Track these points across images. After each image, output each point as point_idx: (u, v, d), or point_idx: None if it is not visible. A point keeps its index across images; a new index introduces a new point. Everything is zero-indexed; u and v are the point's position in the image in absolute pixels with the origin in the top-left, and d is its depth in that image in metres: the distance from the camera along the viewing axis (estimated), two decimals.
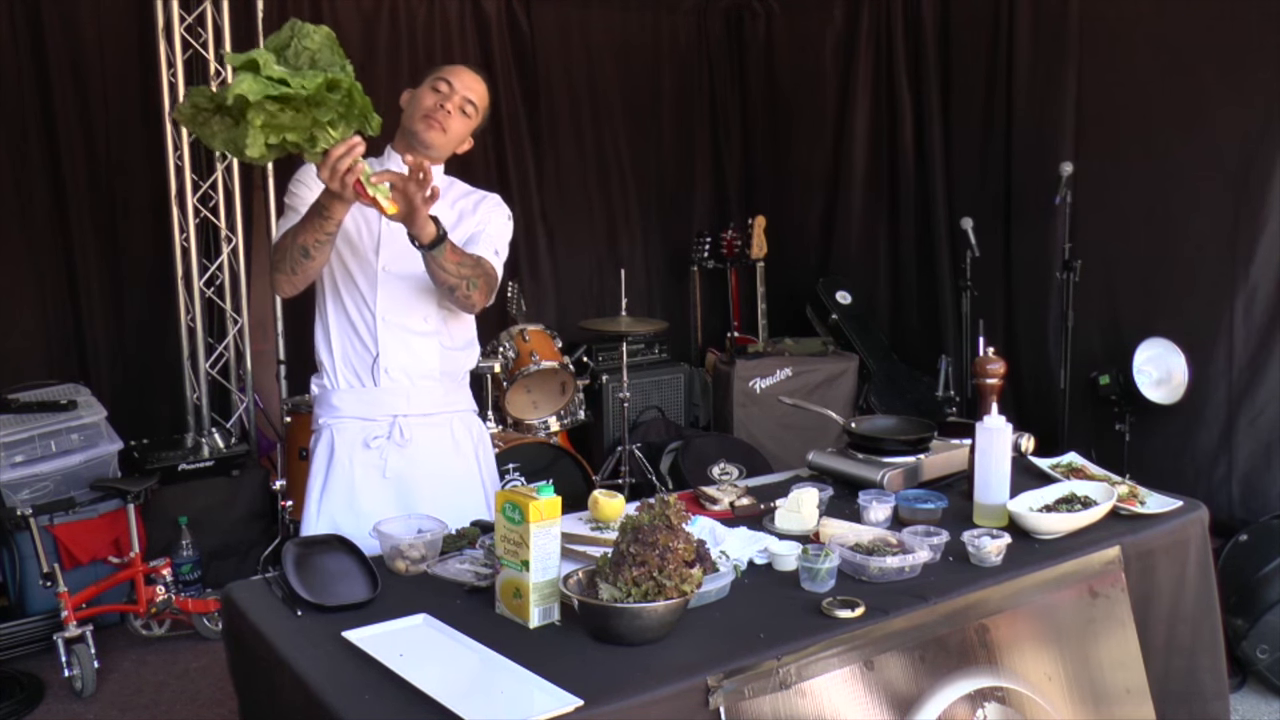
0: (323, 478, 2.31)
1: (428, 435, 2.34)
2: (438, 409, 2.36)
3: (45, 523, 3.71)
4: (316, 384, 2.37)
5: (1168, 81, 3.91)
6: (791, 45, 5.66)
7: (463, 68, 2.34)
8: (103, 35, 4.37)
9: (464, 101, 2.30)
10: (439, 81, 2.30)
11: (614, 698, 1.46)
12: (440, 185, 2.22)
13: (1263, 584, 3.26)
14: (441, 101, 2.28)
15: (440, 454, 2.36)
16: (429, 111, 2.28)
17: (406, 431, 2.31)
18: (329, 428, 2.32)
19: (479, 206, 2.41)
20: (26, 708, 3.37)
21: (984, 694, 1.82)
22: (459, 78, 2.31)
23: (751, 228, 5.22)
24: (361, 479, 2.29)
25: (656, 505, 1.68)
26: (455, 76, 2.31)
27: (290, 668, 1.60)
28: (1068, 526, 2.09)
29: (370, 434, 2.30)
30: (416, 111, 2.30)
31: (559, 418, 4.58)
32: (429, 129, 2.28)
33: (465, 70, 2.33)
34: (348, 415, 2.31)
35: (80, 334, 4.46)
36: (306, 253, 2.12)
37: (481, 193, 2.46)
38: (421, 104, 2.30)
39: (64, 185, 4.37)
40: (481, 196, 2.44)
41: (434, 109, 2.28)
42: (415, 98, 2.33)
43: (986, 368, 2.30)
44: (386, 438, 2.30)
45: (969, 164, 4.76)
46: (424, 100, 2.30)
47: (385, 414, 2.30)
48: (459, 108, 2.29)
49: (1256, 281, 3.70)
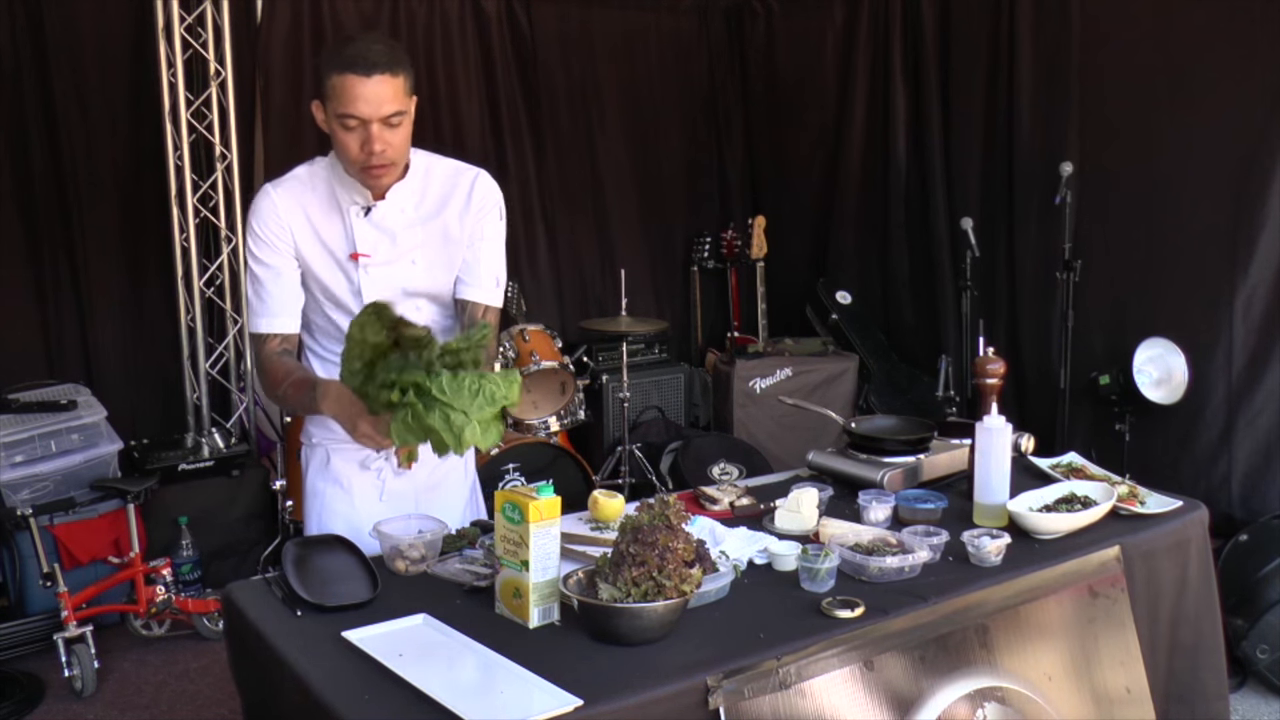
0: (320, 499, 2.25)
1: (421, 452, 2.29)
2: None
3: (45, 523, 3.71)
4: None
5: (1168, 81, 3.91)
6: (791, 45, 5.66)
7: (354, 79, 1.90)
8: (103, 35, 4.37)
9: (384, 124, 1.95)
10: (346, 119, 1.93)
11: (614, 698, 1.46)
12: (418, 171, 2.11)
13: (1263, 584, 3.26)
14: (366, 147, 1.94)
15: (434, 469, 2.29)
16: (362, 165, 1.98)
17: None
18: (324, 445, 2.25)
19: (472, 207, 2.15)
20: (26, 708, 3.37)
21: (984, 694, 1.82)
22: (364, 102, 1.91)
23: (751, 228, 5.23)
24: (360, 501, 2.23)
25: (656, 505, 1.68)
26: (359, 104, 1.91)
27: (290, 668, 1.60)
28: (1068, 526, 2.09)
29: (368, 457, 2.23)
30: (347, 162, 2.01)
31: (559, 418, 4.59)
32: (375, 179, 2.03)
33: (362, 83, 1.90)
34: (343, 439, 2.18)
35: (80, 334, 4.46)
36: (293, 413, 2.03)
37: (468, 175, 2.17)
38: (347, 154, 1.98)
39: (64, 185, 4.37)
40: (469, 190, 2.16)
41: (365, 161, 1.97)
42: (335, 140, 1.99)
43: (986, 368, 2.30)
44: (384, 459, 2.23)
45: (969, 164, 4.75)
46: (348, 150, 1.97)
47: None
48: (384, 136, 1.95)
49: (1256, 281, 3.70)
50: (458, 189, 2.16)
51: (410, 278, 2.15)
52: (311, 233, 2.09)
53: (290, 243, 2.09)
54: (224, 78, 4.41)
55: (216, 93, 4.42)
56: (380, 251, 2.11)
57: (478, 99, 5.18)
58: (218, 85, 4.41)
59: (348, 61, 1.91)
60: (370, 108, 1.92)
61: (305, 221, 2.09)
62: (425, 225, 2.14)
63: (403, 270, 2.14)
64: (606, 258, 5.62)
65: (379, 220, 2.10)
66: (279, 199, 2.08)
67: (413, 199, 2.13)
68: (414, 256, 2.14)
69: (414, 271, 2.15)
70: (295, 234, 2.08)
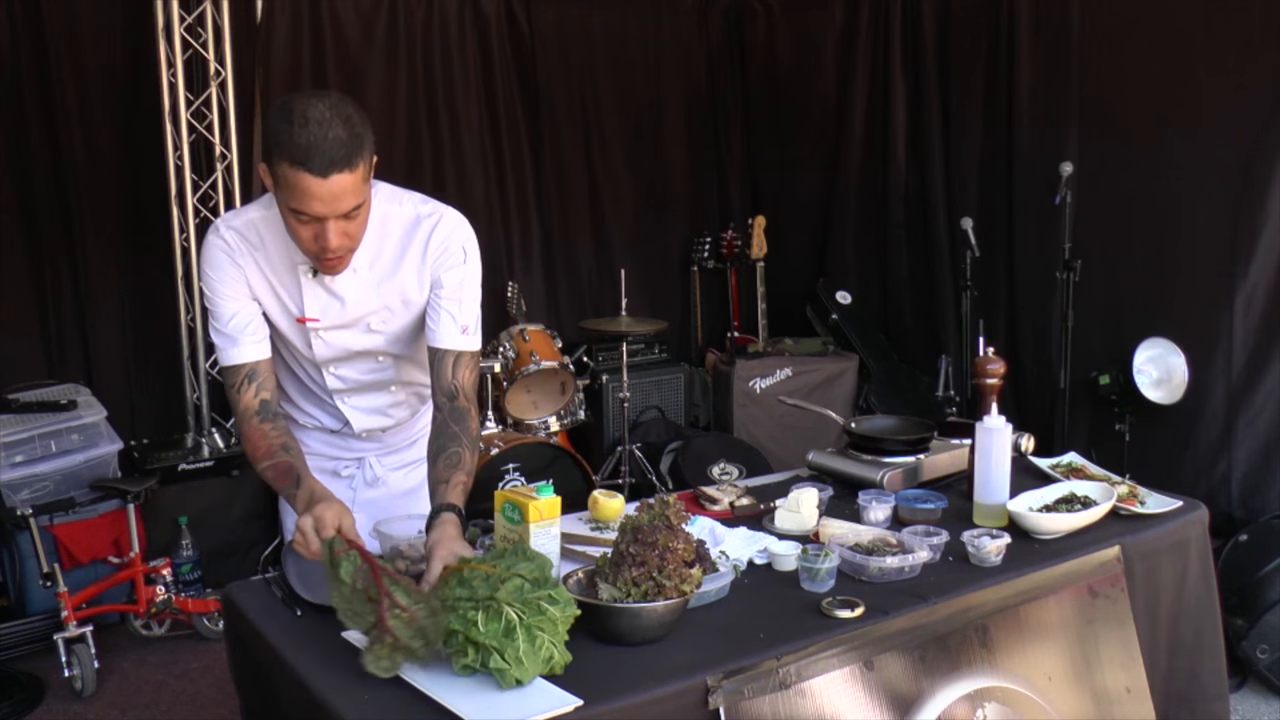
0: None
1: (395, 461, 2.28)
2: (404, 444, 2.28)
3: (45, 523, 3.71)
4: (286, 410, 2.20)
5: (1168, 81, 3.90)
6: (791, 45, 5.66)
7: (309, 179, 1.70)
8: (103, 35, 4.37)
9: (342, 221, 1.78)
10: (298, 214, 1.76)
11: (614, 698, 1.46)
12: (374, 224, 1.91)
13: (1263, 584, 3.26)
14: (320, 240, 1.79)
15: (408, 476, 2.28)
16: (315, 255, 1.84)
17: (377, 469, 2.24)
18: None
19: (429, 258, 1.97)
20: (26, 708, 3.37)
21: (984, 694, 1.82)
22: (319, 202, 1.73)
23: (751, 228, 5.22)
24: None
25: (656, 505, 1.68)
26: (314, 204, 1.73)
27: (290, 668, 1.60)
28: (1068, 526, 2.09)
29: (340, 465, 2.23)
30: (299, 248, 1.86)
31: (559, 418, 4.58)
32: (330, 269, 1.89)
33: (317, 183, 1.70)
34: (318, 452, 2.21)
35: (80, 334, 4.46)
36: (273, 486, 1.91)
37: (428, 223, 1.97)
38: (300, 243, 1.83)
39: (64, 185, 4.36)
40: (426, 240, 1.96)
41: (319, 253, 1.82)
42: (286, 222, 1.82)
43: (986, 368, 2.30)
44: (358, 468, 2.23)
45: (969, 164, 4.75)
46: (300, 239, 1.81)
47: (354, 456, 2.24)
48: (341, 228, 1.78)
49: (1256, 281, 3.70)
50: (413, 243, 1.97)
51: (365, 340, 2.04)
52: (266, 284, 1.96)
53: (245, 287, 1.95)
54: (224, 78, 4.41)
55: (216, 93, 4.42)
56: (330, 315, 1.98)
57: (477, 99, 5.18)
58: (218, 85, 4.41)
59: (301, 154, 1.69)
60: (326, 207, 1.74)
61: (259, 271, 1.95)
62: (380, 287, 1.97)
63: (358, 335, 2.02)
64: (606, 258, 5.62)
65: (329, 283, 1.94)
66: (233, 244, 1.92)
67: (367, 257, 1.94)
68: (369, 321, 2.01)
69: (369, 336, 2.04)
70: (252, 284, 1.95)
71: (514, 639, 1.46)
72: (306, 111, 1.71)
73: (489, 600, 1.48)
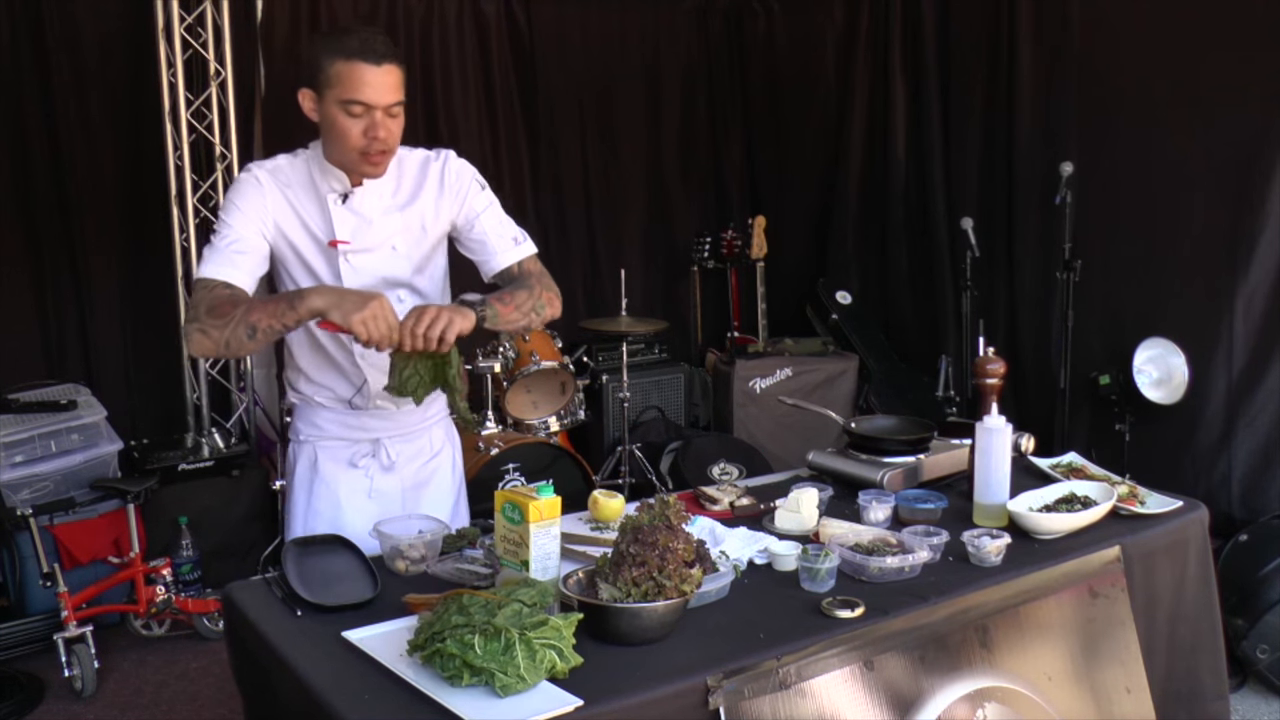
0: (306, 495, 2.25)
1: (409, 451, 2.29)
2: (417, 425, 2.31)
3: (45, 523, 3.71)
4: (296, 397, 2.27)
5: (1168, 82, 3.90)
6: (791, 45, 5.66)
7: (364, 67, 1.95)
8: (103, 35, 4.37)
9: (387, 114, 1.99)
10: (351, 105, 1.96)
11: (614, 698, 1.46)
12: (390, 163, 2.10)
13: (1263, 584, 3.26)
14: (370, 133, 1.98)
15: (419, 468, 2.31)
16: (362, 151, 2.00)
17: (391, 453, 2.26)
18: (311, 443, 2.25)
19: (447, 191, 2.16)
20: (26, 708, 3.37)
21: (984, 694, 1.82)
22: (372, 90, 1.95)
23: (751, 228, 5.22)
24: (346, 499, 2.23)
25: (656, 505, 1.68)
26: (367, 90, 1.95)
27: (290, 668, 1.60)
28: (1068, 526, 2.09)
29: (355, 454, 2.24)
30: (346, 149, 2.01)
31: (559, 418, 4.58)
32: (374, 166, 2.05)
33: (372, 71, 1.95)
34: (331, 436, 2.24)
35: (80, 334, 4.46)
36: (253, 334, 1.90)
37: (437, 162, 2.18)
38: (349, 141, 1.99)
39: (64, 185, 4.37)
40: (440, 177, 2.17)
41: (367, 147, 2.00)
42: (333, 126, 2.00)
43: (986, 368, 2.30)
44: (372, 456, 2.24)
45: (969, 164, 4.75)
46: (349, 137, 1.99)
47: (368, 437, 2.25)
48: (387, 124, 1.99)
49: (1256, 281, 3.70)
50: (429, 177, 2.17)
51: (391, 265, 2.14)
52: (296, 218, 2.09)
53: (267, 223, 2.06)
54: (224, 78, 4.41)
55: (216, 93, 4.42)
56: (359, 238, 2.10)
57: (476, 99, 5.18)
58: (218, 85, 4.41)
59: (356, 49, 1.94)
60: (378, 95, 1.96)
61: (288, 206, 2.08)
62: (402, 212, 2.14)
63: (383, 258, 2.14)
64: (606, 258, 5.62)
65: (356, 206, 2.10)
66: (264, 180, 2.08)
67: (389, 186, 2.14)
68: (394, 243, 2.14)
69: (394, 259, 2.14)
70: (279, 219, 2.08)
71: (513, 656, 1.45)
72: (348, 28, 2.02)
73: (486, 624, 1.48)
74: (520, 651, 1.45)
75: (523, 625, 1.48)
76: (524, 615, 1.51)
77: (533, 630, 1.48)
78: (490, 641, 1.46)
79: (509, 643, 1.46)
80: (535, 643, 1.47)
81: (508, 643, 1.46)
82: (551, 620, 1.50)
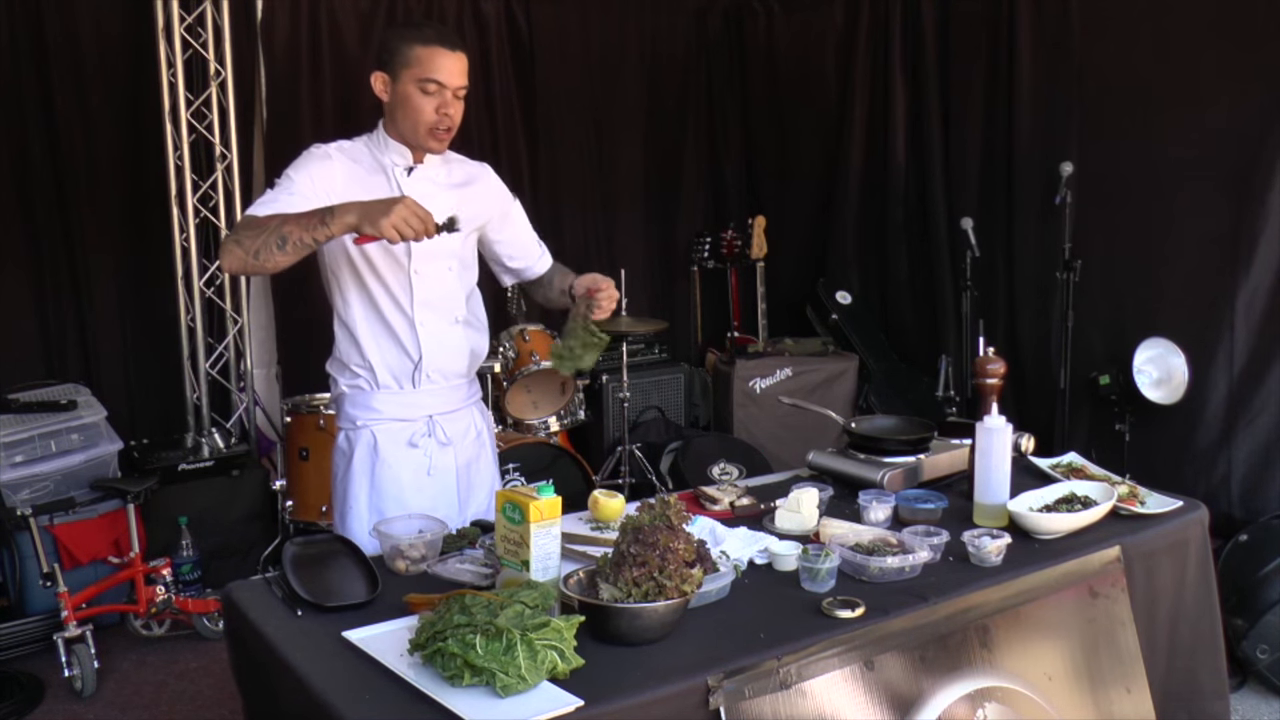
0: (368, 478, 2.31)
1: (458, 428, 2.40)
2: (464, 403, 2.43)
3: (45, 523, 3.71)
4: (348, 385, 2.33)
5: (1168, 81, 3.90)
6: (792, 45, 5.66)
7: (442, 51, 2.19)
8: (103, 35, 4.37)
9: (455, 95, 2.23)
10: (427, 83, 2.19)
11: (614, 698, 1.46)
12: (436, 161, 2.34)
13: (1263, 584, 3.26)
14: (442, 110, 2.21)
15: (469, 445, 2.43)
16: (433, 126, 2.22)
17: (446, 430, 2.36)
18: (368, 428, 2.31)
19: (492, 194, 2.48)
20: (26, 708, 3.37)
21: (984, 694, 1.82)
22: (448, 72, 2.20)
23: (751, 228, 5.22)
24: (409, 479, 2.31)
25: (657, 505, 1.68)
26: (444, 72, 2.19)
27: (290, 668, 1.60)
28: (1068, 526, 2.10)
29: (413, 433, 2.33)
30: (419, 123, 2.22)
31: (559, 418, 4.58)
32: (440, 142, 2.27)
33: (448, 55, 2.20)
34: (388, 417, 2.32)
35: (80, 334, 4.46)
36: (283, 245, 1.99)
37: (481, 167, 2.49)
38: (422, 117, 2.21)
39: (64, 185, 4.37)
40: (488, 179, 2.49)
41: (438, 123, 2.22)
42: (407, 103, 2.21)
43: (986, 368, 2.30)
44: (428, 435, 2.33)
45: (969, 164, 4.75)
46: (423, 113, 2.21)
47: (423, 414, 2.34)
48: (455, 104, 2.24)
49: (1256, 281, 3.70)
50: (474, 177, 2.44)
51: (449, 237, 2.21)
52: (359, 187, 2.20)
53: (334, 190, 2.17)
54: (224, 78, 4.41)
55: (216, 93, 4.42)
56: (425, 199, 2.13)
57: (476, 99, 5.18)
58: (218, 85, 4.41)
59: (434, 37, 2.20)
60: (453, 77, 2.20)
61: (354, 180, 2.21)
62: (453, 190, 2.35)
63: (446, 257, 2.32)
64: (606, 257, 5.62)
65: (421, 177, 2.30)
66: (333, 154, 2.24)
67: (442, 170, 2.36)
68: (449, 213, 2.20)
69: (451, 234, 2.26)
70: (346, 190, 2.17)
71: (514, 656, 1.46)
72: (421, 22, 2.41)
73: (488, 625, 1.48)
74: (522, 652, 1.46)
75: (525, 626, 1.49)
76: (526, 617, 1.51)
77: (534, 631, 1.48)
78: (492, 641, 1.47)
79: (510, 643, 1.46)
80: (537, 643, 1.47)
81: (509, 643, 1.46)
82: (553, 622, 1.51)
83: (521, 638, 1.46)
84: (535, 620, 1.51)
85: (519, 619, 1.50)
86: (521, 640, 1.46)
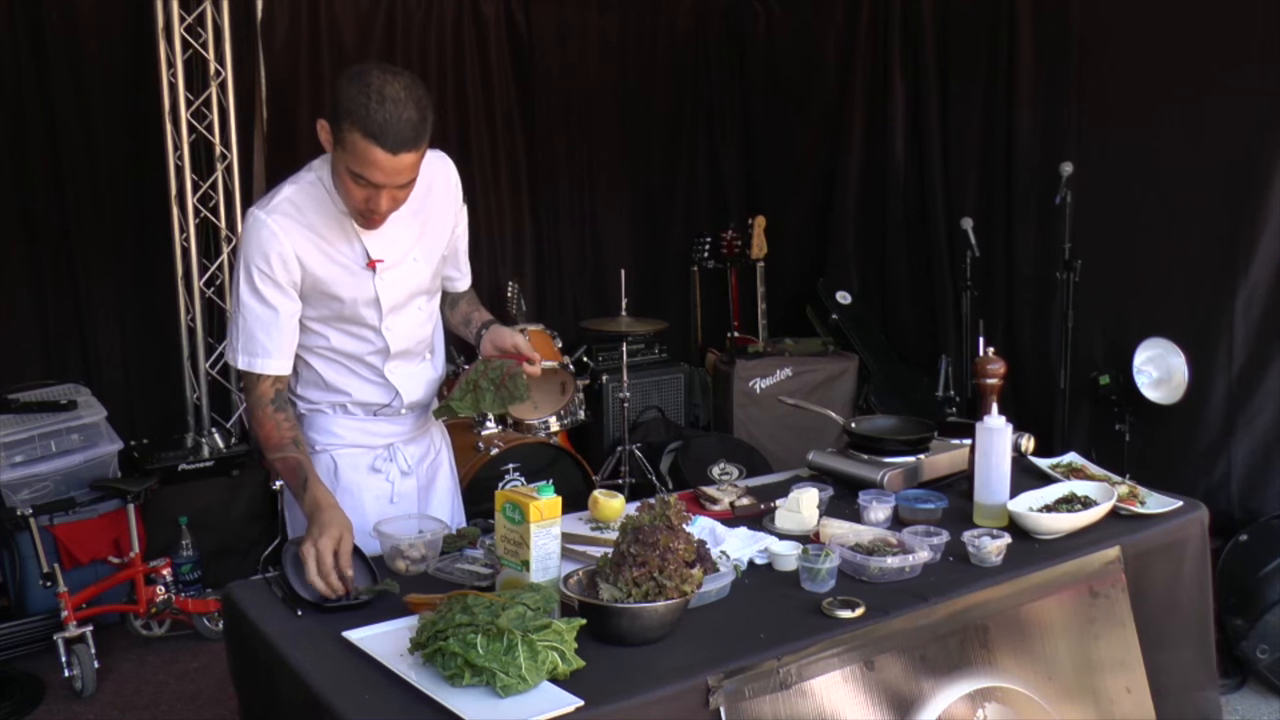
0: None
1: (418, 452, 2.32)
2: (424, 428, 2.34)
3: (45, 523, 3.71)
4: (307, 408, 2.20)
5: (1168, 81, 3.90)
6: (791, 45, 5.66)
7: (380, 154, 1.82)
8: (103, 35, 4.37)
9: (394, 194, 1.91)
10: (357, 177, 1.86)
11: (614, 698, 1.46)
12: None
13: (1263, 584, 3.26)
14: (371, 202, 1.91)
15: (428, 467, 2.35)
16: (360, 211, 1.94)
17: (407, 455, 2.27)
18: (328, 452, 2.20)
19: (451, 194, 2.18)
20: (26, 708, 3.37)
21: (984, 694, 1.82)
22: (382, 173, 1.84)
23: (751, 228, 5.22)
24: (371, 505, 2.19)
25: (657, 505, 1.68)
26: (376, 174, 1.84)
27: (290, 668, 1.60)
28: (1068, 526, 2.10)
29: (376, 459, 2.23)
30: (347, 202, 1.95)
31: (559, 418, 4.58)
32: (371, 225, 2.00)
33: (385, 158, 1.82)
34: (349, 443, 2.21)
35: (80, 334, 4.46)
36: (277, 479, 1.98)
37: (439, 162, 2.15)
38: (350, 200, 1.93)
39: (64, 185, 4.37)
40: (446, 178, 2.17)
41: (367, 213, 1.94)
42: (338, 176, 1.92)
43: (986, 368, 2.30)
44: (390, 461, 2.24)
45: (969, 164, 4.75)
46: (351, 196, 1.91)
47: (383, 442, 2.25)
48: (393, 196, 1.91)
49: (1256, 281, 3.70)
50: (436, 178, 2.13)
51: (418, 277, 2.14)
52: (321, 254, 2.01)
53: (297, 277, 1.99)
54: (224, 78, 4.41)
55: (216, 93, 4.42)
56: (390, 252, 2.08)
57: (475, 99, 5.18)
58: (218, 85, 4.41)
59: (376, 129, 1.80)
60: (388, 179, 1.87)
61: (312, 244, 1.99)
62: (415, 219, 2.10)
63: (410, 270, 2.13)
64: (606, 258, 5.62)
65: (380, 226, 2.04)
66: (280, 229, 1.96)
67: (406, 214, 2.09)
68: (414, 254, 2.13)
69: (416, 269, 2.14)
70: (304, 262, 1.99)
71: (515, 656, 1.46)
72: (384, 89, 1.81)
73: (490, 625, 1.48)
74: (523, 652, 1.46)
75: (526, 627, 1.49)
76: (528, 618, 1.51)
77: (536, 633, 1.48)
78: (493, 641, 1.47)
79: (511, 643, 1.46)
80: (538, 644, 1.47)
81: (510, 643, 1.46)
82: (554, 624, 1.51)
83: (523, 638, 1.46)
84: (537, 622, 1.51)
85: (521, 620, 1.50)
86: (523, 641, 1.46)
